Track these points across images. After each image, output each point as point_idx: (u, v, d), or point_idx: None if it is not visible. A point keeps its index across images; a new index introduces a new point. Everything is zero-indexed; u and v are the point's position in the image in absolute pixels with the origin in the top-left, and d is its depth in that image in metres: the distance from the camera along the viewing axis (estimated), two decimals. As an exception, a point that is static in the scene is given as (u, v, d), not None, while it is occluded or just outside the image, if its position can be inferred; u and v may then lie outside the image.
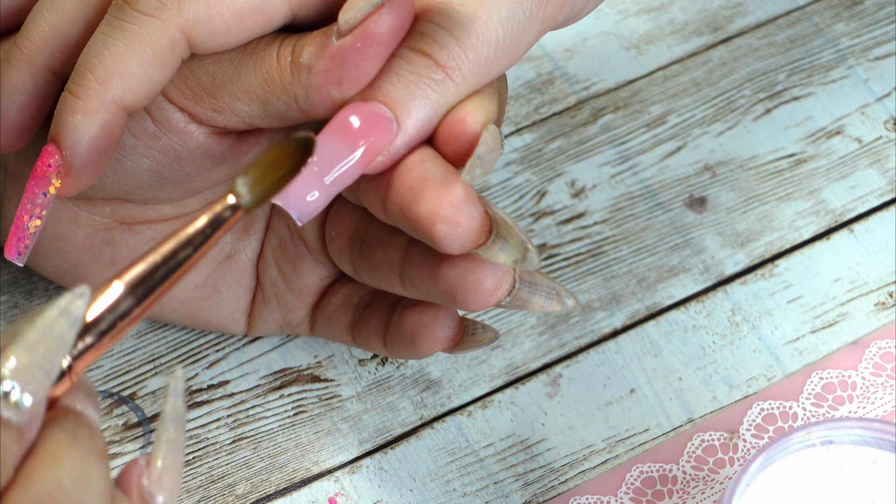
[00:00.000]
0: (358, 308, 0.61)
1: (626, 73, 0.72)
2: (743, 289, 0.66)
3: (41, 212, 0.54)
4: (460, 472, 0.62)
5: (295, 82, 0.53)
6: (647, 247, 0.67)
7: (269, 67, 0.53)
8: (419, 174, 0.52)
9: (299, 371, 0.64)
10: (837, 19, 0.73)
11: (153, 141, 0.55)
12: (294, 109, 0.54)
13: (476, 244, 0.52)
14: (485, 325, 0.59)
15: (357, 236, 0.58)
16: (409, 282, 0.56)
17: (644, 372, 0.64)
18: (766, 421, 0.63)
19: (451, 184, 0.52)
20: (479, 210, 0.52)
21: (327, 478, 0.62)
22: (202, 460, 0.62)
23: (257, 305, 0.62)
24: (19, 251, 0.55)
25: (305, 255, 0.61)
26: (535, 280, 0.56)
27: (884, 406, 0.63)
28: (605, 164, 0.69)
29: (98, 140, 0.53)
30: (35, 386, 0.44)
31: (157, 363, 0.64)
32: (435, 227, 0.52)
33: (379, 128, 0.52)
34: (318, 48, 0.53)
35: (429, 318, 0.58)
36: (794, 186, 0.69)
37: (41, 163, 0.53)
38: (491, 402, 0.64)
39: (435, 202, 0.52)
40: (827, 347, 0.65)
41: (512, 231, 0.52)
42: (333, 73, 0.52)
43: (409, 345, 0.58)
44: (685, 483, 0.62)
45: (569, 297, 0.57)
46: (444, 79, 0.53)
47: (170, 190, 0.58)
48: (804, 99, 0.71)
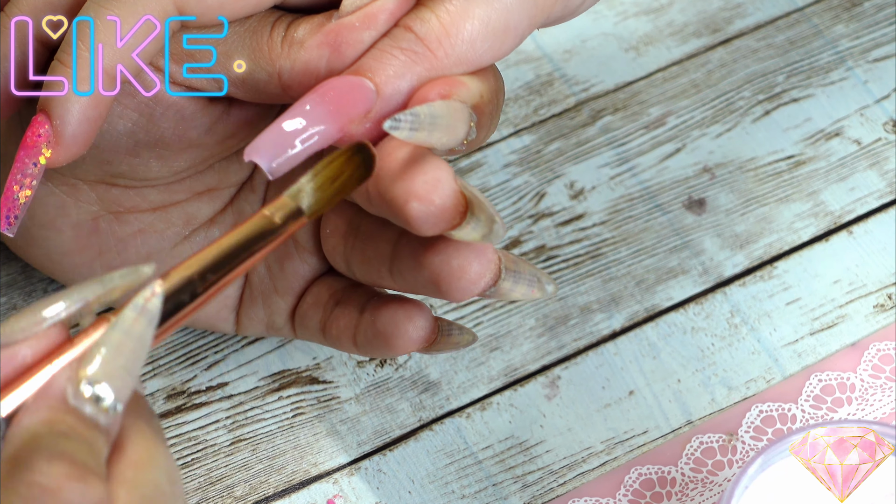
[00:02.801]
0: (328, 306, 0.60)
1: (625, 74, 0.72)
2: (742, 291, 0.66)
3: (31, 182, 0.54)
4: (459, 473, 0.62)
5: (283, 54, 0.54)
6: (646, 248, 0.67)
7: (260, 39, 0.54)
8: (397, 156, 0.53)
9: (298, 373, 0.64)
10: (837, 21, 0.73)
11: (128, 99, 0.56)
12: (274, 83, 0.55)
13: (451, 224, 0.52)
14: (461, 327, 0.59)
15: (350, 233, 0.58)
16: (397, 273, 0.56)
17: (643, 374, 0.64)
18: (765, 423, 0.63)
19: (426, 163, 0.52)
20: (453, 188, 0.52)
21: (326, 479, 0.62)
22: (201, 462, 0.62)
23: (244, 304, 0.62)
24: (9, 222, 0.55)
25: (293, 254, 0.61)
26: (518, 268, 0.56)
27: (883, 408, 0.63)
28: (604, 166, 0.69)
29: (88, 110, 0.53)
30: (123, 390, 0.45)
31: (156, 365, 0.64)
32: (408, 206, 0.52)
33: (358, 94, 0.53)
34: (315, 26, 0.54)
35: (402, 318, 0.58)
36: (793, 188, 0.69)
37: (31, 132, 0.54)
38: (489, 403, 0.64)
39: (409, 181, 0.52)
40: (826, 349, 0.65)
41: (483, 206, 0.52)
42: (324, 48, 0.53)
43: (382, 344, 0.58)
44: (684, 485, 0.62)
45: (549, 282, 0.57)
46: (424, 51, 0.53)
47: (145, 156, 0.58)
48: (803, 100, 0.71)
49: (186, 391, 0.64)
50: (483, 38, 0.54)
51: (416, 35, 0.53)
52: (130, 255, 0.61)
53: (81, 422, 0.45)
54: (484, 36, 0.54)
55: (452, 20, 0.53)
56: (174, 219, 0.61)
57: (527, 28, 0.55)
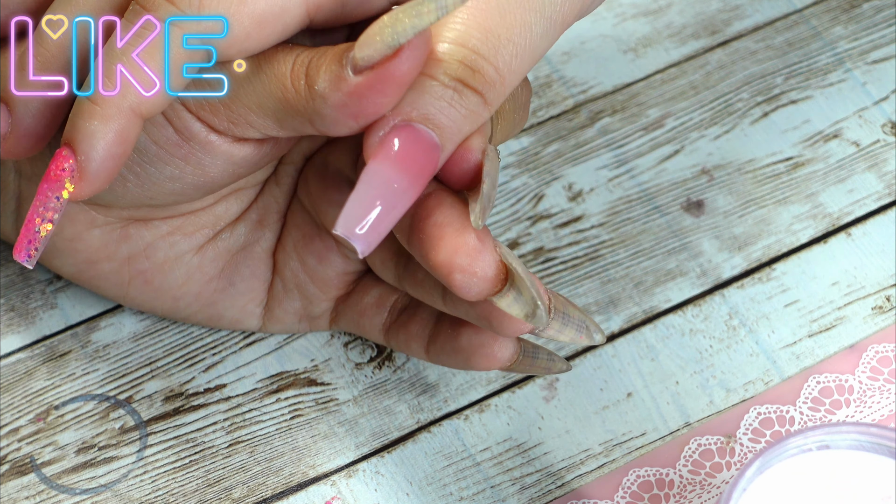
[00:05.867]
0: (394, 310, 0.61)
1: (623, 76, 0.72)
2: (740, 293, 0.66)
3: (53, 216, 0.54)
4: (457, 476, 0.62)
5: (310, 108, 0.53)
6: (645, 250, 0.67)
7: (284, 88, 0.53)
8: (437, 220, 0.53)
9: (296, 375, 0.64)
10: (835, 22, 0.73)
11: (176, 149, 0.56)
12: (310, 128, 0.54)
13: (492, 292, 0.53)
14: (550, 353, 0.60)
15: (402, 251, 0.58)
16: (450, 302, 0.57)
17: (641, 376, 0.64)
18: (763, 425, 0.63)
19: (467, 231, 0.52)
20: (495, 259, 0.53)
21: (324, 481, 0.62)
22: (199, 464, 0.62)
23: (276, 296, 0.63)
24: (29, 254, 0.55)
25: (334, 249, 0.61)
26: (567, 311, 0.56)
27: (881, 410, 0.63)
28: (603, 168, 0.69)
29: (113, 146, 0.53)
30: None
31: (154, 367, 0.64)
32: (451, 276, 0.52)
33: (430, 156, 0.52)
34: (334, 79, 0.52)
35: (488, 338, 0.58)
36: (792, 190, 0.69)
37: (55, 166, 0.54)
38: (488, 405, 0.64)
39: (451, 251, 0.52)
40: (824, 351, 0.65)
41: (524, 285, 0.53)
42: (349, 108, 0.52)
43: (463, 360, 0.59)
44: (682, 487, 0.62)
45: (597, 331, 0.57)
46: (484, 108, 0.53)
47: (191, 193, 0.58)
48: (802, 102, 0.71)
49: (184, 393, 0.64)
50: (524, 71, 0.54)
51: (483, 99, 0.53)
52: (159, 258, 0.61)
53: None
54: (524, 71, 0.54)
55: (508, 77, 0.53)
56: (202, 221, 0.61)
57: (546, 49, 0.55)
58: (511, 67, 0.53)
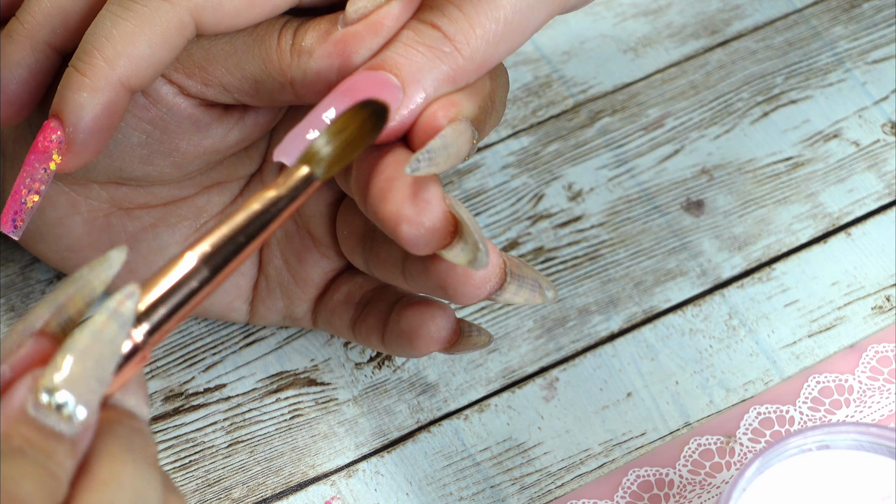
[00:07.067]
0: (359, 305, 0.61)
1: (623, 76, 0.72)
2: (740, 292, 0.66)
3: (40, 187, 0.54)
4: (457, 475, 0.62)
5: (294, 64, 0.54)
6: (644, 250, 0.67)
7: (269, 48, 0.54)
8: (389, 174, 0.53)
9: (296, 374, 0.64)
10: (835, 22, 0.73)
11: (143, 112, 0.56)
12: (287, 91, 0.55)
13: (441, 244, 0.52)
14: (480, 328, 0.59)
15: (368, 234, 0.58)
16: (409, 276, 0.57)
17: (641, 376, 0.64)
18: (763, 425, 0.63)
19: (415, 183, 0.52)
20: (442, 209, 0.52)
21: (324, 481, 0.62)
22: (198, 464, 0.62)
23: (260, 294, 0.63)
24: (15, 224, 0.55)
25: (311, 248, 0.61)
26: (522, 273, 0.56)
27: (881, 410, 0.63)
28: (603, 168, 0.69)
29: (101, 118, 0.53)
30: (88, 396, 0.43)
31: (154, 366, 0.64)
32: (399, 228, 0.52)
33: (386, 93, 0.52)
34: (322, 34, 0.53)
35: (425, 318, 0.58)
36: (792, 190, 0.69)
37: (42, 137, 0.54)
38: (487, 405, 0.64)
39: (399, 202, 0.52)
40: (824, 351, 0.65)
41: (468, 230, 0.52)
42: (334, 58, 0.53)
43: (406, 344, 0.58)
44: (682, 487, 0.62)
45: (549, 288, 0.57)
46: (452, 51, 0.53)
47: (159, 164, 0.58)
48: (802, 102, 0.71)
49: (184, 393, 0.64)
50: (505, 37, 0.53)
51: (443, 34, 0.53)
52: (142, 249, 0.61)
53: (39, 432, 0.43)
54: (507, 35, 0.53)
55: (479, 20, 0.53)
56: (184, 213, 0.61)
57: (544, 21, 0.55)
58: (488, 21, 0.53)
